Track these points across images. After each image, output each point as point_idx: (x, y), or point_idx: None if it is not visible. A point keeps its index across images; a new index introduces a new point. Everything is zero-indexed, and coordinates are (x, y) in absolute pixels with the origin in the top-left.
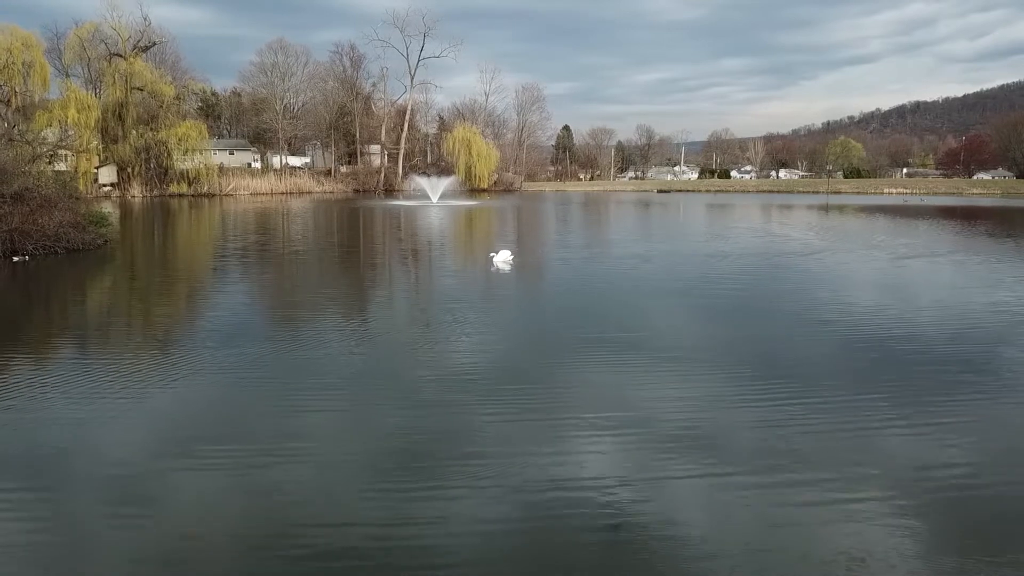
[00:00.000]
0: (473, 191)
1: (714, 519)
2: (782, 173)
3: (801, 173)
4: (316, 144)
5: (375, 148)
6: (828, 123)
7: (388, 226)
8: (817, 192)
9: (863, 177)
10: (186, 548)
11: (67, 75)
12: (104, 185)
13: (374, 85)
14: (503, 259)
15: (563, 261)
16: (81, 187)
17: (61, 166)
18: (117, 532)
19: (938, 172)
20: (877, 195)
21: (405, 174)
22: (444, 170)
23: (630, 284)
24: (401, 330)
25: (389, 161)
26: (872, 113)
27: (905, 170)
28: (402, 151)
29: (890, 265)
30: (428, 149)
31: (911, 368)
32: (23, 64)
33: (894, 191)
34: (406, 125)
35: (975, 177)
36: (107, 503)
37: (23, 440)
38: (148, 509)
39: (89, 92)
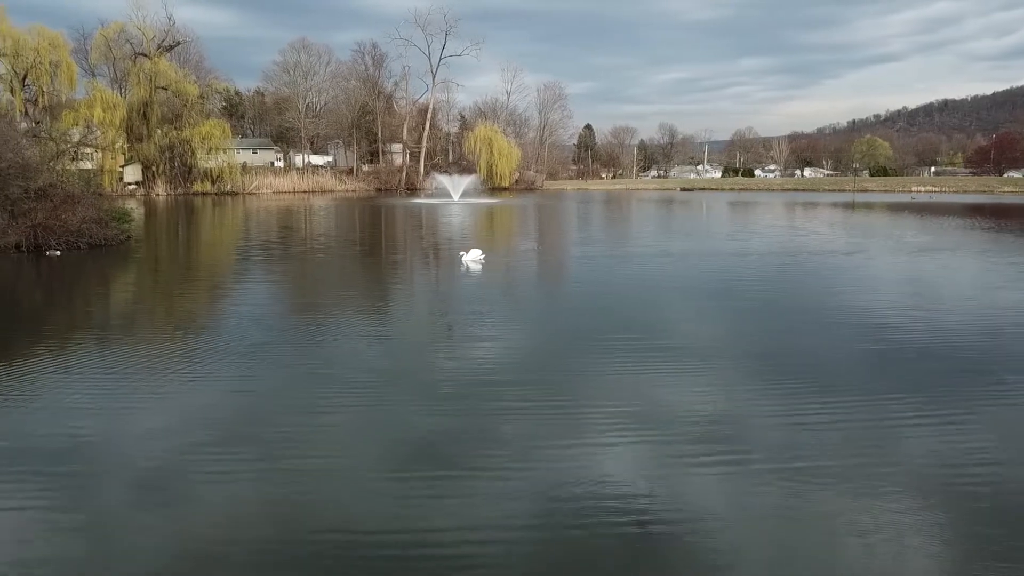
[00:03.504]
0: (494, 189)
1: (739, 517)
2: (807, 172)
3: (827, 172)
4: (338, 143)
5: (397, 147)
6: (854, 122)
7: (409, 224)
8: (843, 190)
9: (890, 176)
10: (208, 542)
11: (93, 75)
12: (129, 183)
13: (396, 84)
14: (473, 258)
15: (586, 258)
16: (106, 185)
17: (87, 164)
18: (140, 526)
19: (968, 171)
20: (905, 193)
21: (426, 173)
22: (465, 168)
23: (655, 282)
24: (423, 328)
25: (411, 160)
26: (899, 111)
27: (933, 168)
28: (424, 150)
29: (919, 263)
30: (450, 148)
31: (940, 368)
32: (50, 64)
33: (922, 189)
34: (428, 124)
35: (1006, 175)
36: (130, 497)
37: (48, 431)
38: (170, 503)
39: (115, 91)
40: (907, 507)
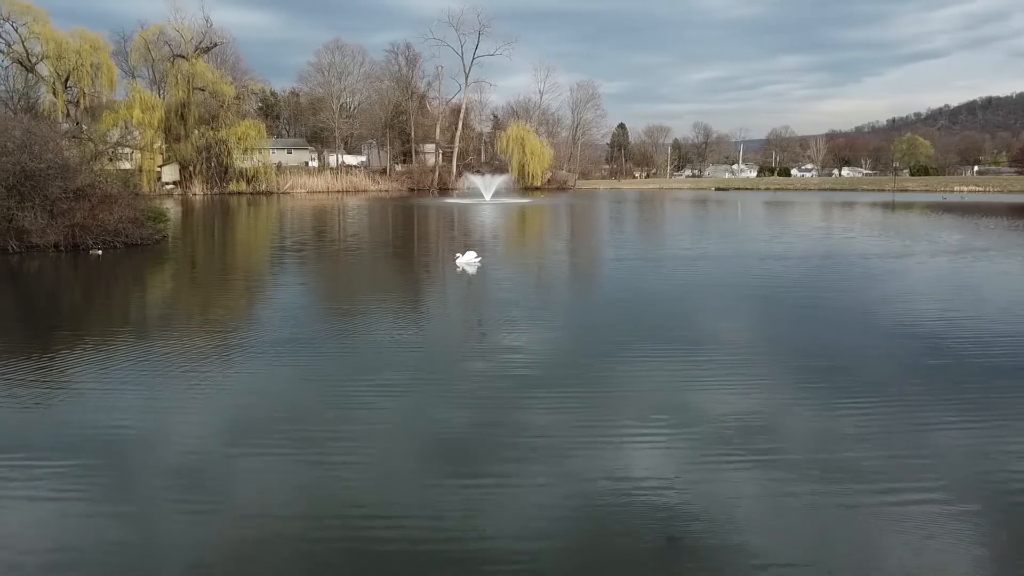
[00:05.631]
0: (526, 189)
1: (772, 524)
2: (845, 171)
3: (865, 171)
4: (372, 143)
5: (430, 147)
6: (894, 120)
7: (441, 225)
8: (882, 190)
9: (931, 175)
10: (249, 533)
11: (133, 76)
12: (167, 183)
13: (429, 84)
14: (467, 261)
15: (619, 261)
16: (145, 185)
17: (126, 165)
18: (181, 516)
19: (1013, 170)
20: (948, 193)
21: (459, 172)
22: (498, 168)
23: (694, 287)
24: (455, 326)
25: (443, 160)
26: (940, 109)
27: (976, 168)
28: (456, 150)
29: (976, 268)
30: (482, 148)
31: (981, 373)
32: (91, 66)
33: (965, 189)
34: (460, 124)
35: None
36: (168, 489)
37: (91, 423)
38: (211, 495)
39: (153, 93)
40: (938, 501)
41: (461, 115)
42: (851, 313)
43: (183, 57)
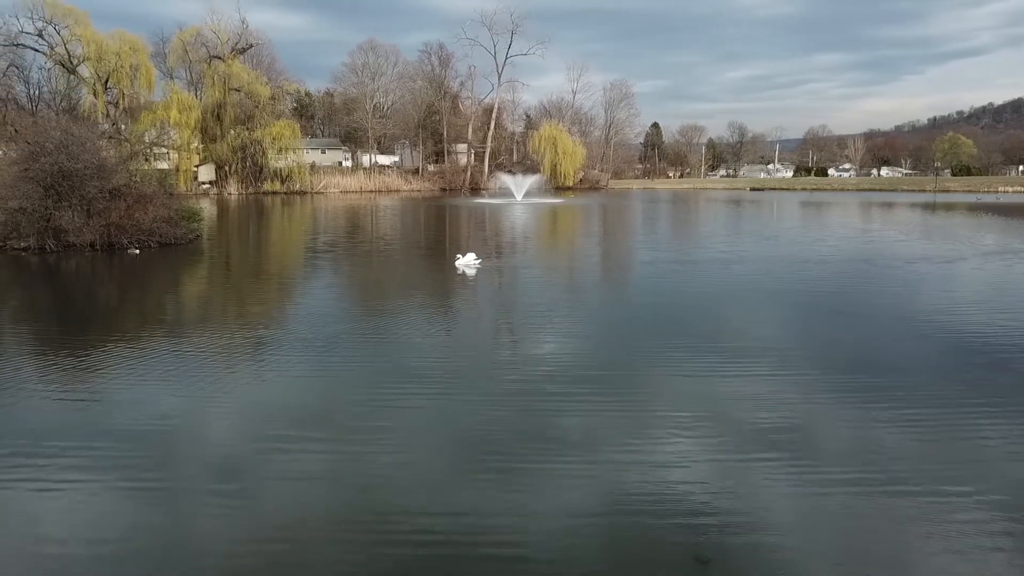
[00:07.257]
0: (559, 189)
1: (805, 532)
2: (884, 171)
3: (905, 171)
4: (404, 143)
5: (462, 147)
6: (935, 119)
7: (472, 225)
8: (923, 190)
9: (974, 175)
10: (280, 528)
11: (171, 77)
12: (203, 183)
13: (462, 84)
14: (466, 262)
15: (653, 264)
16: (182, 184)
17: (164, 164)
18: (214, 514)
19: None
20: (982, 194)
21: (491, 172)
22: (530, 168)
23: (727, 289)
24: (486, 327)
25: (475, 160)
26: (983, 108)
27: (1022, 167)
28: (488, 149)
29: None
30: (514, 147)
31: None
32: (130, 67)
33: (1010, 190)
34: (492, 123)
35: None
36: (203, 484)
37: (126, 420)
38: (243, 492)
39: (190, 93)
40: (976, 507)
41: (493, 115)
42: (900, 322)
43: (220, 58)
